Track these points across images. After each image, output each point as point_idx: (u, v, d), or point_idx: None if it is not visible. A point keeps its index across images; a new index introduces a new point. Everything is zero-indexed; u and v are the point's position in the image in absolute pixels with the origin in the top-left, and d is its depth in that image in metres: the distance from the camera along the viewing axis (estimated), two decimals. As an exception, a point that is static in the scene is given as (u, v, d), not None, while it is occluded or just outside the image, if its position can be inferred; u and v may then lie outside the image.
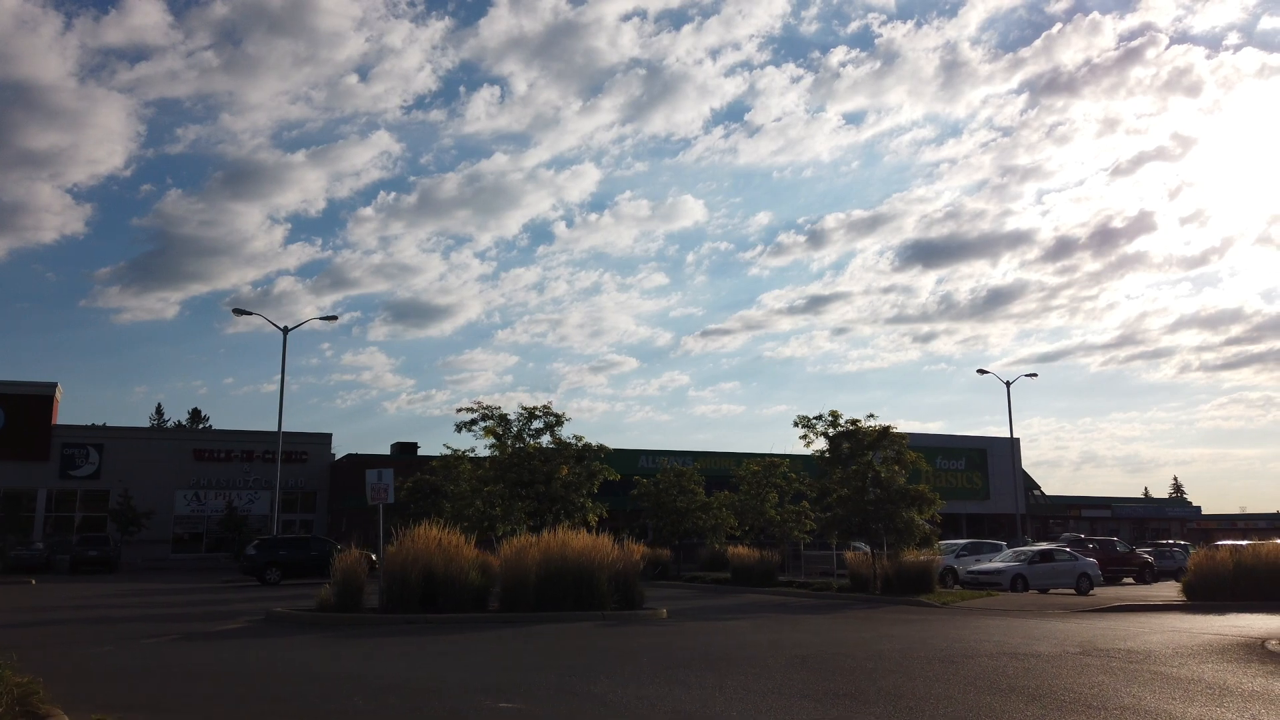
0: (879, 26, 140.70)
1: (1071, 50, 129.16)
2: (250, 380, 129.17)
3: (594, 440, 28.39)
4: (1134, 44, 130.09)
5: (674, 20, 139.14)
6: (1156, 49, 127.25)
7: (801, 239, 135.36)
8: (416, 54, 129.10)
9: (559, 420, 28.06)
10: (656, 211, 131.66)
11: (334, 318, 44.23)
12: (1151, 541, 55.95)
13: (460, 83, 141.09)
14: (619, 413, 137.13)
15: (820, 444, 31.39)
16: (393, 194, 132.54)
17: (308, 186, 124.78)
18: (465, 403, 33.79)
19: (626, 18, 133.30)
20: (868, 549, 30.29)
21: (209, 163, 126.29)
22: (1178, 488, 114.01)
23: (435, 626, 16.40)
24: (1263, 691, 10.32)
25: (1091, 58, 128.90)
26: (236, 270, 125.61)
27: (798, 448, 58.82)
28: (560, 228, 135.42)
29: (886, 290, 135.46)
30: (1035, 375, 52.43)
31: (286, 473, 55.58)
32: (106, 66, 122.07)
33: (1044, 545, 35.91)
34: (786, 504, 37.37)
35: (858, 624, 19.06)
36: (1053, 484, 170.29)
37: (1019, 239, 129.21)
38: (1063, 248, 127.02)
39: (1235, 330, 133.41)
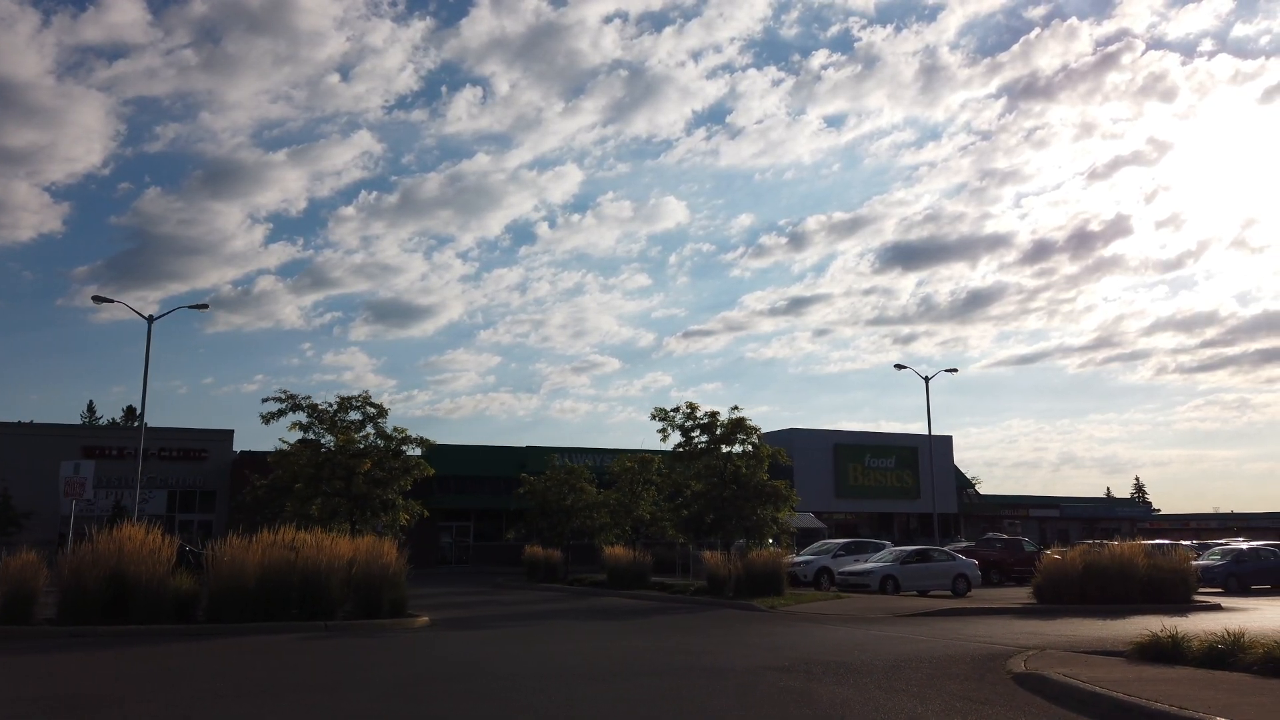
0: (859, 30, 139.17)
1: (1049, 55, 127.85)
2: (231, 380, 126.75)
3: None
4: (1110, 49, 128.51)
5: (655, 23, 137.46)
6: (1132, 55, 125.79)
7: (783, 241, 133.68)
8: (398, 54, 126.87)
9: (381, 411, 26.20)
10: (639, 213, 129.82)
11: (204, 306, 42.03)
12: (1079, 541, 54.23)
13: (442, 83, 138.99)
14: (601, 413, 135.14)
15: (677, 438, 29.71)
16: (374, 194, 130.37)
17: (288, 186, 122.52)
18: (272, 392, 31.59)
19: (608, 19, 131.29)
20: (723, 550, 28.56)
21: (188, 161, 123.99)
22: (1139, 488, 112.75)
23: (101, 641, 14.46)
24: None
25: (1069, 63, 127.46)
26: (216, 270, 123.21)
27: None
28: (542, 228, 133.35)
29: (867, 292, 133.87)
30: (955, 371, 50.74)
31: (184, 471, 53.77)
32: (84, 64, 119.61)
33: (920, 545, 34.15)
34: (662, 501, 35.55)
35: (632, 634, 17.30)
36: (1032, 484, 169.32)
37: (997, 242, 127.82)
38: (1040, 250, 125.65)
39: (1210, 333, 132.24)
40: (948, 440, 64.12)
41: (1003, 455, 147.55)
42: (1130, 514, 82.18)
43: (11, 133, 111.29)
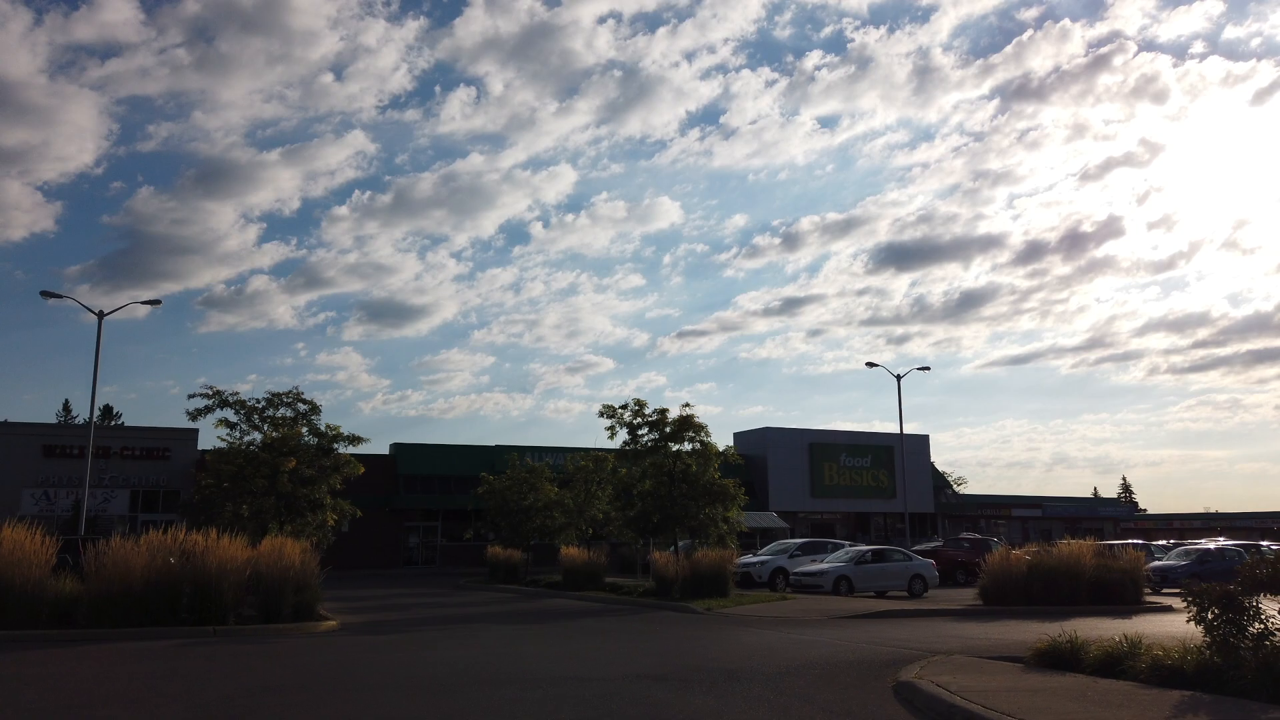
0: (852, 31, 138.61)
1: (1041, 57, 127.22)
2: (225, 380, 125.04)
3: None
4: (1102, 51, 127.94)
5: (649, 23, 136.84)
6: (1124, 56, 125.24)
7: (776, 241, 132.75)
8: (392, 53, 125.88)
9: (313, 408, 25.41)
10: (633, 213, 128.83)
11: (157, 302, 41.12)
12: (1054, 541, 53.52)
13: (436, 83, 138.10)
14: (595, 414, 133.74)
15: (624, 435, 28.95)
16: (368, 193, 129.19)
17: (281, 185, 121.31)
18: (198, 388, 30.69)
19: (602, 20, 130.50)
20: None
21: (181, 161, 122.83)
22: (1126, 488, 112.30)
23: (-38, 645, 13.78)
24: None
25: (1061, 64, 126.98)
26: (209, 269, 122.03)
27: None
28: (537, 228, 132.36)
29: (861, 293, 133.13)
30: (928, 369, 49.91)
31: (148, 470, 52.93)
32: (77, 63, 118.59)
33: (877, 545, 33.45)
34: (615, 501, 34.79)
35: (542, 639, 16.69)
36: (1025, 484, 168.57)
37: (990, 242, 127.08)
38: (1033, 251, 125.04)
39: (1202, 334, 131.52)
40: (924, 439, 63.44)
41: (996, 455, 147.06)
42: (1114, 513, 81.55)
43: (3, 132, 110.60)
